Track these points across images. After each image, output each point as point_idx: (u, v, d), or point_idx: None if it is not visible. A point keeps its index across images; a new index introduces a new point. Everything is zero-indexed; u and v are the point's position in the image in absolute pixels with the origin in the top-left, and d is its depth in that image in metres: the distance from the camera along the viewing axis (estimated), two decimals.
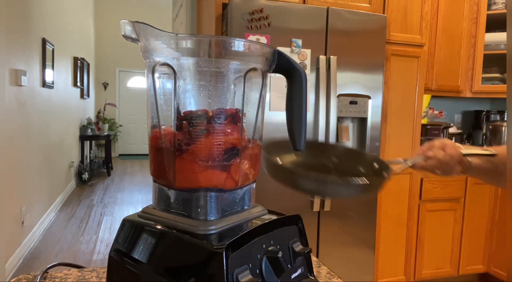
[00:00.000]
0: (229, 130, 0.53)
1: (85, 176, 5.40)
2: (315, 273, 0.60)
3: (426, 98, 2.59)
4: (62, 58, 4.44)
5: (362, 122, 2.13)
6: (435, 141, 0.87)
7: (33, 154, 3.21)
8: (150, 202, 0.58)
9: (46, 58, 3.55)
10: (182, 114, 0.53)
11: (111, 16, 7.76)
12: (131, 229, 0.56)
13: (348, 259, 2.10)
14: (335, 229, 2.05)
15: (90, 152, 6.47)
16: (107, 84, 8.00)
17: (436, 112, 2.84)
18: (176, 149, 0.52)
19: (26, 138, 3.02)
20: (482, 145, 2.78)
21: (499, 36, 2.63)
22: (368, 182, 0.61)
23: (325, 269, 0.78)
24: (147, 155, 8.35)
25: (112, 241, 0.61)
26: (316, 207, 1.97)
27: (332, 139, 1.96)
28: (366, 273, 2.16)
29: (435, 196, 2.45)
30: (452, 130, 2.82)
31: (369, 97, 2.07)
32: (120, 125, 8.03)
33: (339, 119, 2.06)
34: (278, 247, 0.53)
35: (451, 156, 0.84)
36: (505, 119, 2.83)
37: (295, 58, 1.89)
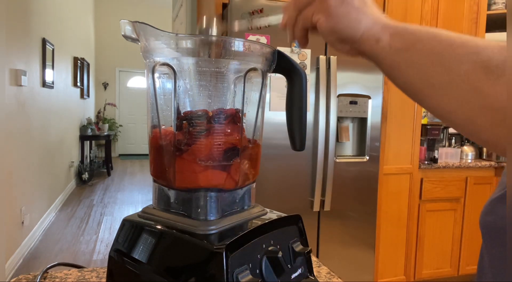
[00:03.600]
0: (229, 130, 0.53)
1: (85, 176, 5.40)
2: (315, 273, 0.60)
3: None
4: (62, 58, 4.44)
5: (362, 122, 2.13)
6: None
7: (33, 154, 3.21)
8: (150, 202, 0.58)
9: (46, 58, 3.55)
10: (182, 114, 0.53)
11: (111, 16, 7.76)
12: (131, 229, 0.56)
13: (348, 259, 2.10)
14: (335, 229, 2.05)
15: (90, 152, 6.47)
16: (107, 84, 8.00)
17: None
18: (176, 149, 0.52)
19: (26, 138, 3.02)
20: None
21: (499, 36, 2.63)
22: None
23: (325, 269, 0.78)
24: (147, 155, 8.30)
25: (112, 241, 0.61)
26: (316, 207, 1.97)
27: (332, 139, 1.96)
28: (366, 273, 2.16)
29: (435, 196, 2.45)
30: (452, 130, 2.82)
31: (369, 97, 2.07)
32: (120, 125, 8.03)
33: (339, 119, 2.06)
34: (278, 247, 0.53)
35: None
36: None
37: (295, 58, 1.89)
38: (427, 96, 0.39)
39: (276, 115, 1.86)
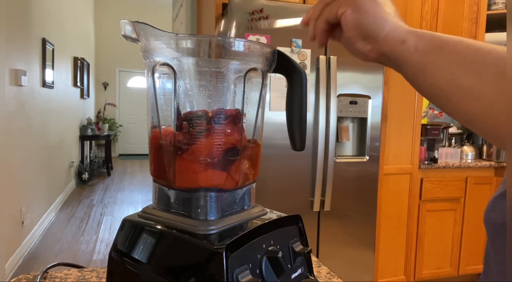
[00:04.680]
0: (229, 130, 0.53)
1: (85, 176, 5.40)
2: (315, 273, 0.60)
3: None
4: (62, 58, 4.44)
5: (362, 122, 2.13)
6: None
7: (33, 154, 3.21)
8: (150, 202, 0.58)
9: (46, 58, 3.55)
10: (182, 115, 0.53)
11: (111, 16, 7.76)
12: (131, 229, 0.56)
13: (348, 259, 2.10)
14: (335, 229, 2.05)
15: (90, 152, 6.47)
16: (107, 84, 8.00)
17: (436, 112, 2.84)
18: (176, 149, 0.52)
19: (26, 138, 3.02)
20: (482, 145, 2.78)
21: (499, 36, 2.63)
22: None
23: (325, 269, 0.78)
24: (147, 155, 8.28)
25: (112, 241, 0.61)
26: (316, 207, 1.97)
27: (332, 139, 1.96)
28: (366, 273, 2.16)
29: (435, 196, 2.45)
30: (452, 130, 2.82)
31: (369, 97, 2.07)
32: (120, 125, 8.03)
33: (339, 119, 2.06)
34: (278, 247, 0.53)
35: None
36: None
37: (295, 58, 1.89)
38: (454, 100, 0.39)
39: (276, 115, 1.86)
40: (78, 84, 5.38)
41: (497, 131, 0.36)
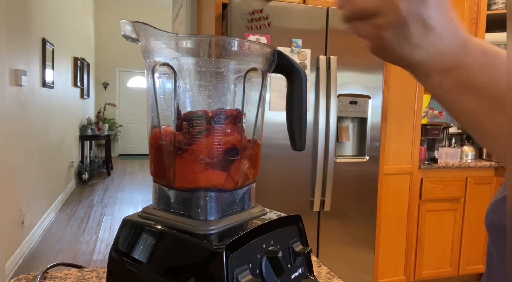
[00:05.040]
0: (229, 130, 0.53)
1: (85, 176, 5.40)
2: (315, 273, 0.60)
3: (426, 98, 2.59)
4: (62, 58, 4.44)
5: (362, 122, 2.13)
6: None
7: (33, 154, 3.21)
8: (150, 202, 0.58)
9: (46, 58, 3.55)
10: (182, 115, 0.53)
11: (111, 16, 7.76)
12: (131, 229, 0.56)
13: (348, 259, 2.10)
14: (335, 229, 2.05)
15: (90, 152, 6.47)
16: (107, 84, 8.00)
17: (436, 112, 2.84)
18: (176, 149, 0.52)
19: (26, 138, 3.02)
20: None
21: (499, 36, 2.63)
22: None
23: (325, 269, 0.78)
24: (147, 155, 8.27)
25: (112, 241, 0.61)
26: (316, 207, 1.97)
27: (332, 139, 1.96)
28: (366, 273, 2.16)
29: (435, 196, 2.45)
30: (452, 130, 2.82)
31: (369, 97, 2.07)
32: (120, 125, 8.03)
33: (339, 119, 2.06)
34: (278, 247, 0.53)
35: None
36: None
37: (295, 58, 1.89)
38: (474, 131, 0.39)
39: (276, 115, 1.86)
40: (78, 84, 5.38)
41: None
